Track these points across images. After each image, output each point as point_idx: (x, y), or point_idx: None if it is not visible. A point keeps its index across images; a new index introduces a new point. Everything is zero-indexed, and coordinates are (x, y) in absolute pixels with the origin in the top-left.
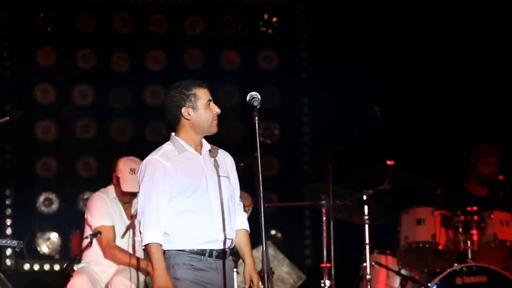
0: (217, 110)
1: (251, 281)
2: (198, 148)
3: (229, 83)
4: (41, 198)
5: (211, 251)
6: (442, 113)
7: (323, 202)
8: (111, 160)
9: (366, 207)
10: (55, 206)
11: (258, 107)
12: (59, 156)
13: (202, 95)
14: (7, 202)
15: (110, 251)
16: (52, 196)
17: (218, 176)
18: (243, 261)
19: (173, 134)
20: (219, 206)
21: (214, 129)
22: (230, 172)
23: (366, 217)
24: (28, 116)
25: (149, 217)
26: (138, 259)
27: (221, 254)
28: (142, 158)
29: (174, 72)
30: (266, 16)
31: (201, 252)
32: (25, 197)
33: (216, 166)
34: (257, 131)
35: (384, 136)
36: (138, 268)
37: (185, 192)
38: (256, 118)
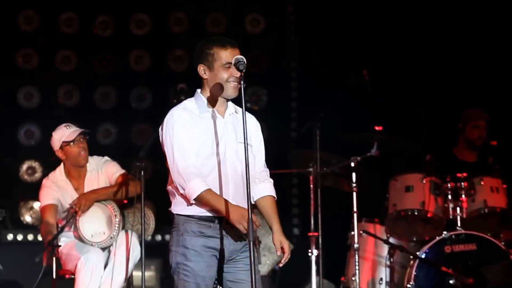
0: (236, 74)
1: (282, 247)
2: (221, 109)
3: None
4: (24, 167)
5: (221, 218)
6: (431, 77)
7: (311, 169)
8: (95, 127)
9: (354, 174)
10: (38, 175)
11: (244, 71)
12: (42, 123)
13: (222, 55)
14: None
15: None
16: (35, 164)
17: (238, 142)
18: (271, 228)
19: (198, 90)
20: (234, 173)
21: (230, 93)
22: (253, 138)
23: (354, 185)
24: (11, 82)
25: (183, 170)
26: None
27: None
28: (127, 124)
29: (159, 36)
30: None
31: (210, 219)
32: (7, 166)
33: (238, 131)
34: (243, 95)
35: (373, 100)
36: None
37: (199, 154)
38: (242, 82)
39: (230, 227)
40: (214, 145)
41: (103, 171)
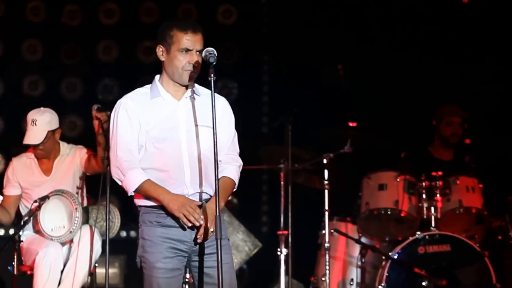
0: (192, 62)
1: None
2: (179, 93)
3: None
4: None
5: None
6: (407, 72)
7: (282, 165)
8: (61, 119)
9: (326, 172)
10: (0, 167)
11: (214, 63)
12: (5, 114)
13: (181, 39)
14: None
15: None
16: None
17: (196, 125)
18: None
19: (156, 77)
20: (190, 159)
21: (185, 80)
22: (217, 121)
23: (326, 182)
24: None
25: (124, 160)
26: None
27: None
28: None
29: (128, 27)
30: None
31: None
32: None
33: (196, 114)
34: (213, 88)
35: (347, 96)
36: None
37: (153, 142)
38: (212, 75)
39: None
40: (166, 130)
41: (74, 156)
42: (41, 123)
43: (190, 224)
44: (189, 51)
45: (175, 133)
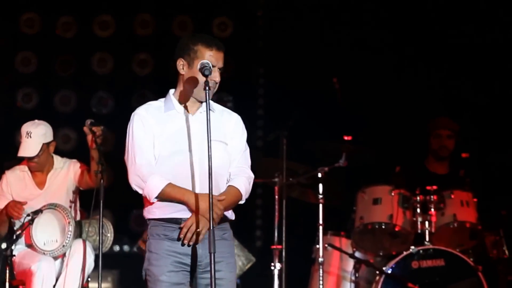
0: (214, 79)
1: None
2: (193, 108)
3: None
4: None
5: (187, 219)
6: (402, 86)
7: (276, 179)
8: (55, 132)
9: (321, 186)
10: None
11: (209, 76)
12: None
13: (204, 55)
14: None
15: None
16: None
17: (209, 140)
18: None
19: (171, 91)
20: (200, 172)
21: (202, 96)
22: (229, 137)
23: (321, 196)
24: None
25: (143, 168)
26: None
27: None
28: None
29: (123, 39)
30: None
31: (176, 221)
32: None
33: (209, 128)
34: (208, 101)
35: (342, 109)
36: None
37: (164, 155)
38: (207, 87)
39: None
40: (178, 143)
41: (68, 170)
42: (35, 135)
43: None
44: (212, 68)
45: (187, 147)
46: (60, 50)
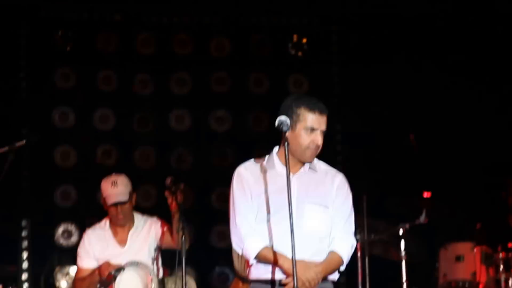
0: (317, 142)
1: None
2: (295, 167)
3: (257, 108)
4: (60, 230)
5: (281, 280)
6: (482, 141)
7: (358, 236)
8: (135, 188)
9: (402, 242)
10: (74, 239)
11: (287, 131)
12: (79, 184)
13: (307, 118)
14: (24, 234)
15: (75, 285)
16: (72, 227)
17: (308, 202)
18: None
19: (275, 148)
20: (298, 235)
21: (307, 158)
22: (331, 199)
23: (403, 253)
24: (46, 140)
25: (242, 229)
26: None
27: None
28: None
29: (200, 96)
30: (295, 38)
31: (272, 283)
32: (42, 229)
33: (309, 190)
34: (287, 157)
35: (420, 165)
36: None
37: (262, 215)
38: (286, 143)
39: None
40: (277, 204)
41: (149, 228)
42: (121, 183)
43: None
44: (314, 131)
45: (285, 208)
46: (138, 107)
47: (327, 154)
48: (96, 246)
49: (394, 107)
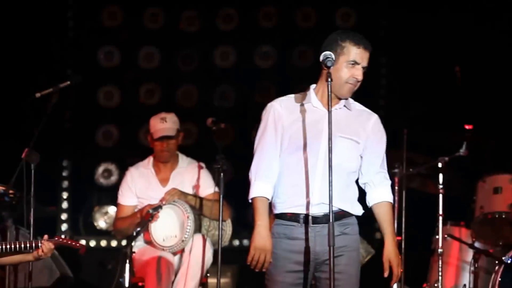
0: (357, 76)
1: (391, 267)
2: (332, 103)
3: (304, 42)
4: (100, 169)
5: (306, 216)
6: None
7: (396, 170)
8: None
9: (441, 176)
10: (114, 178)
11: (332, 67)
12: (120, 124)
13: (351, 52)
14: (64, 173)
15: (115, 223)
16: (112, 167)
17: (340, 136)
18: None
19: (312, 86)
20: (324, 168)
21: (344, 93)
22: (364, 136)
23: (441, 186)
24: (91, 80)
25: (259, 167)
26: (141, 209)
27: (321, 218)
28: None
29: (246, 32)
30: None
31: (295, 218)
32: (83, 169)
33: (342, 125)
34: (329, 92)
35: (463, 97)
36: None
37: (293, 148)
38: (329, 79)
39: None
40: (308, 137)
41: (194, 175)
42: (170, 120)
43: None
44: (356, 65)
45: (317, 141)
46: (183, 45)
47: (371, 87)
48: (138, 184)
49: (440, 40)
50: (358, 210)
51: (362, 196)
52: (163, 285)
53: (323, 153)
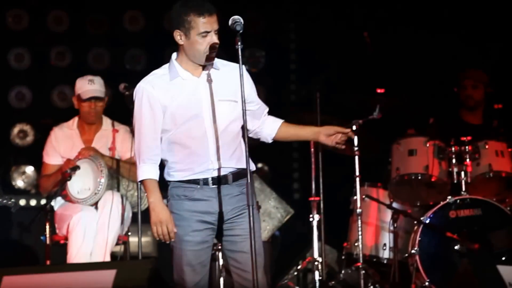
0: (213, 42)
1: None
2: (198, 70)
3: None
4: (15, 130)
5: (206, 179)
6: (436, 35)
7: None
8: None
9: (355, 138)
10: (29, 138)
11: (241, 31)
12: (33, 86)
13: (198, 24)
14: None
15: (41, 181)
16: (27, 127)
17: (219, 100)
18: (310, 137)
19: (173, 55)
20: (213, 132)
21: (208, 60)
22: (238, 93)
23: (356, 148)
24: (0, 42)
25: (141, 151)
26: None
27: (219, 181)
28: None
29: None
30: None
31: (195, 181)
32: None
33: (217, 88)
34: (240, 57)
35: (374, 62)
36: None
37: (177, 122)
38: (239, 43)
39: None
40: (189, 109)
41: (117, 137)
42: (98, 82)
43: (157, 238)
44: (208, 33)
45: (198, 111)
46: (92, 9)
47: (281, 51)
48: (62, 144)
49: (348, 4)
50: (252, 166)
51: None
52: (86, 238)
53: (208, 120)
